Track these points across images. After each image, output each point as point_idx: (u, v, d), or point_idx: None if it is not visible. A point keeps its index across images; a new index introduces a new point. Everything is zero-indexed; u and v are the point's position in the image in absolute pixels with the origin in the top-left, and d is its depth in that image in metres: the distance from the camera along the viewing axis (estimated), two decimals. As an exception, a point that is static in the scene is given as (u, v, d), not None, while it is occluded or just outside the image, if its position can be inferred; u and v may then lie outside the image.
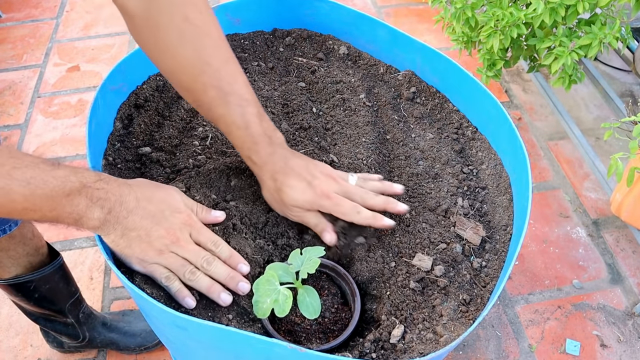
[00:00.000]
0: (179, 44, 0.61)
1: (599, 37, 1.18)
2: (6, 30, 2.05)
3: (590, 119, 1.71)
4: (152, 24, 0.61)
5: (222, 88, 0.62)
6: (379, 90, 0.87)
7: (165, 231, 0.58)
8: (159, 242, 0.58)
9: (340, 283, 0.65)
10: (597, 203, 1.50)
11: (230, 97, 0.62)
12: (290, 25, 0.95)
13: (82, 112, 1.74)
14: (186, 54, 0.61)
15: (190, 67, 0.62)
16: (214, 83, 0.62)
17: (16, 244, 0.86)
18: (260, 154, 0.65)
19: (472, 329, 0.56)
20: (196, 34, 0.61)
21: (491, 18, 1.26)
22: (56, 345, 1.15)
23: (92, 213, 0.54)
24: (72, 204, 0.52)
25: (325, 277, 0.66)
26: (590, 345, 1.23)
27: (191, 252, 0.60)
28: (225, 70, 0.62)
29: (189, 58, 0.61)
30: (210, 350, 0.60)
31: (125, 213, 0.56)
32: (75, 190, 0.53)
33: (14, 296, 0.94)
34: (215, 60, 0.62)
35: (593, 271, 1.36)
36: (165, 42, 0.62)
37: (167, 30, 0.61)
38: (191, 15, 0.61)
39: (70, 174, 0.53)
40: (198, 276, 0.59)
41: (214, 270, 0.60)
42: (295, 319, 0.62)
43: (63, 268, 0.97)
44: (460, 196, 0.73)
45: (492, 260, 0.67)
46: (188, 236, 0.60)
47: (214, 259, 0.60)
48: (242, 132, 0.64)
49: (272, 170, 0.65)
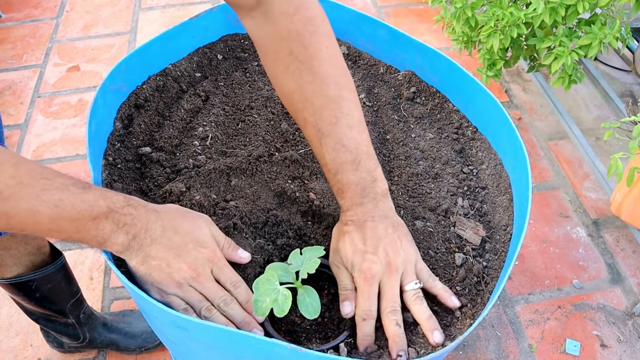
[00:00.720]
0: (283, 77, 0.61)
1: (599, 37, 1.18)
2: (6, 30, 2.05)
3: (590, 119, 1.71)
4: (264, 51, 0.62)
5: (320, 129, 0.60)
6: (379, 90, 0.87)
7: (187, 265, 0.57)
8: (178, 274, 0.57)
9: None
10: (597, 203, 1.50)
11: (326, 140, 0.60)
12: (290, 25, 0.95)
13: (82, 112, 1.74)
14: (289, 88, 0.61)
15: (292, 100, 0.61)
16: (312, 122, 0.61)
17: (18, 243, 0.86)
18: (346, 200, 0.62)
19: (472, 329, 0.56)
20: (298, 69, 0.60)
21: (491, 18, 1.26)
22: (56, 346, 1.15)
23: (116, 238, 0.54)
24: (98, 227, 0.52)
25: (325, 277, 0.66)
26: (590, 345, 1.23)
27: (210, 290, 0.58)
28: (328, 110, 0.60)
29: (292, 92, 0.61)
30: (210, 351, 0.60)
31: (149, 241, 0.56)
32: (102, 214, 0.52)
33: (15, 295, 0.94)
34: (317, 100, 0.60)
35: (593, 271, 1.36)
36: (273, 71, 0.62)
37: (275, 62, 0.61)
38: (295, 50, 0.60)
39: (100, 198, 0.52)
40: (214, 314, 0.58)
41: (230, 312, 0.59)
42: (295, 319, 0.62)
43: (65, 268, 0.97)
44: (460, 196, 0.73)
45: (492, 260, 0.67)
46: (209, 272, 0.59)
47: (232, 301, 0.59)
48: (331, 175, 0.62)
49: (349, 218, 0.62)
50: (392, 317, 0.58)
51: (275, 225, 0.69)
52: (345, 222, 0.63)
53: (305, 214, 0.71)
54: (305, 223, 0.70)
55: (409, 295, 0.60)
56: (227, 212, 0.68)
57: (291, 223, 0.69)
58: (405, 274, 0.61)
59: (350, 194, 0.61)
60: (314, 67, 0.60)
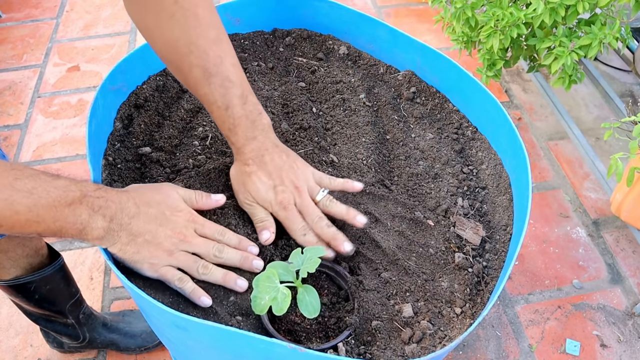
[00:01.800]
0: (168, 25, 0.62)
1: (599, 37, 1.18)
2: (6, 30, 2.05)
3: (590, 119, 1.71)
4: (142, 4, 0.63)
5: (207, 69, 0.63)
6: (379, 90, 0.87)
7: (171, 231, 0.59)
8: (167, 242, 0.59)
9: (340, 282, 0.65)
10: (597, 203, 1.50)
11: (214, 78, 0.63)
12: (290, 25, 0.95)
13: (82, 112, 1.74)
14: (174, 35, 0.62)
15: (177, 46, 0.63)
16: (199, 63, 0.63)
17: (15, 245, 0.86)
18: (239, 136, 0.65)
19: (472, 329, 0.56)
20: (184, 16, 0.62)
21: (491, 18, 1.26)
22: (56, 346, 1.15)
23: (95, 222, 0.54)
24: (75, 214, 0.53)
25: (325, 277, 0.66)
26: (590, 345, 1.23)
27: (200, 245, 0.61)
28: (212, 51, 0.63)
29: (177, 39, 0.62)
30: (210, 351, 0.60)
31: (128, 219, 0.57)
32: (77, 200, 0.53)
33: (14, 297, 0.94)
34: (202, 42, 0.62)
35: (593, 271, 1.36)
36: (155, 22, 0.63)
37: (158, 12, 0.62)
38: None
39: (71, 183, 0.53)
40: (211, 269, 0.60)
41: (227, 256, 0.61)
42: (295, 319, 0.62)
43: (64, 269, 0.97)
44: (460, 196, 0.73)
45: (492, 260, 0.67)
46: (193, 232, 0.61)
47: (224, 246, 0.62)
48: (222, 112, 0.64)
49: (247, 156, 0.66)
50: (321, 224, 0.65)
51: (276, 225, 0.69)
52: (244, 161, 0.66)
53: (305, 213, 0.71)
54: (305, 223, 0.70)
55: (322, 203, 0.67)
56: (226, 212, 0.68)
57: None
58: (311, 189, 0.67)
59: (242, 128, 0.65)
60: (198, 14, 0.62)
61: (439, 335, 0.60)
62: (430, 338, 0.60)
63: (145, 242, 0.58)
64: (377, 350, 0.59)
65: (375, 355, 0.58)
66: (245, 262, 0.62)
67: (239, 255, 0.62)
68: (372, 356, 0.58)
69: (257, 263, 0.62)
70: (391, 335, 0.60)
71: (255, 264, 0.62)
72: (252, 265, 0.62)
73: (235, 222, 0.67)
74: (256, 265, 0.62)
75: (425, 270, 0.66)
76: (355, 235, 0.68)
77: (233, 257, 0.62)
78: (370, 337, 0.60)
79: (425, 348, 0.58)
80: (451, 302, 0.63)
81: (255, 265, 0.62)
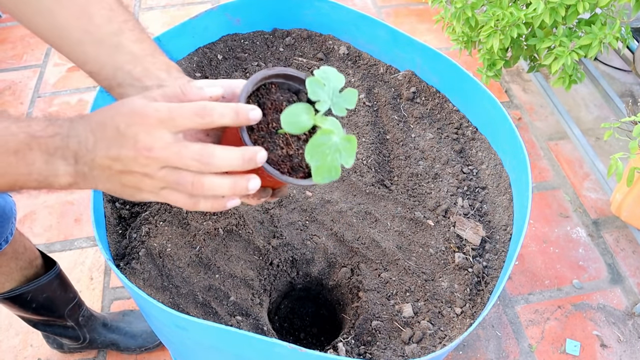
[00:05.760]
0: None
1: (599, 37, 1.18)
2: (6, 30, 2.05)
3: (590, 119, 1.71)
4: None
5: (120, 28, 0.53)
6: (379, 90, 0.87)
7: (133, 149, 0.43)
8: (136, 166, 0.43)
9: (292, 85, 0.51)
10: (597, 203, 1.50)
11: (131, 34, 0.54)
12: (290, 25, 0.95)
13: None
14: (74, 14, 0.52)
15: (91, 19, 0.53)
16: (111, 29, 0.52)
17: (8, 260, 0.84)
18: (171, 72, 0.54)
19: (472, 329, 0.56)
20: None
21: (491, 18, 1.26)
22: (56, 347, 1.15)
23: (56, 169, 0.43)
24: (26, 162, 0.42)
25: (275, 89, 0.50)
26: (590, 345, 1.22)
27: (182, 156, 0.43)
28: (121, 16, 0.54)
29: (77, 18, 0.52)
30: (211, 351, 0.60)
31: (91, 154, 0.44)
32: (24, 145, 0.42)
33: (11, 308, 0.93)
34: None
35: (593, 271, 1.36)
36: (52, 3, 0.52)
37: None
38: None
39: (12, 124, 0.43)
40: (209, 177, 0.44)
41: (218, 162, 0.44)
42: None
43: (60, 276, 0.95)
44: (460, 196, 0.73)
45: (492, 260, 0.67)
46: (166, 135, 0.43)
47: (213, 147, 0.44)
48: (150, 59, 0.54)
49: None
50: None
51: (275, 224, 0.69)
52: None
53: (304, 212, 0.71)
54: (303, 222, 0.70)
55: None
56: (226, 212, 0.68)
57: (291, 223, 0.69)
58: None
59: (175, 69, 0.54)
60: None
61: (439, 335, 0.60)
62: (430, 338, 0.60)
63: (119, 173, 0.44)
64: (377, 350, 0.59)
65: (375, 355, 0.58)
66: (251, 161, 0.44)
67: (239, 153, 0.44)
68: (372, 356, 0.58)
69: (262, 156, 0.44)
70: (391, 335, 0.60)
71: (260, 157, 0.44)
72: (257, 160, 0.44)
73: None
74: (261, 158, 0.44)
75: (425, 270, 0.66)
76: (355, 235, 0.68)
77: (232, 157, 0.44)
78: (371, 337, 0.60)
79: (425, 348, 0.58)
80: (451, 302, 0.63)
81: (261, 159, 0.44)
